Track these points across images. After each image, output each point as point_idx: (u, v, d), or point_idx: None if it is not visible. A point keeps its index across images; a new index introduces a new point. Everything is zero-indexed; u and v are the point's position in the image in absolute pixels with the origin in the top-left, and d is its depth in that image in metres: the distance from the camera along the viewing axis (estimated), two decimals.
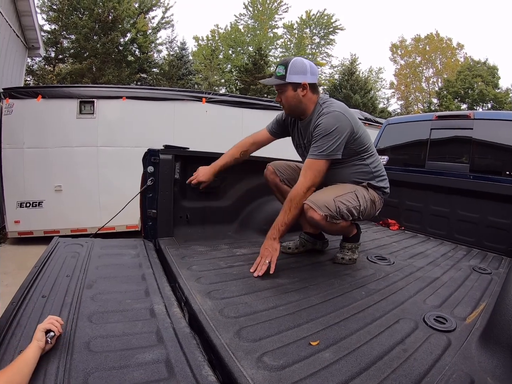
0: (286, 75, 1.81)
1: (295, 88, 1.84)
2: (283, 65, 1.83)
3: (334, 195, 1.83)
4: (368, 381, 0.95)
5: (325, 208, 1.75)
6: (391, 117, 4.66)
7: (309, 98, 1.88)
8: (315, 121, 1.87)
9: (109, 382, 0.86)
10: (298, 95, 1.85)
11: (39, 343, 0.92)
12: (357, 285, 1.67)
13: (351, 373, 0.97)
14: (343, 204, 1.81)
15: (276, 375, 0.92)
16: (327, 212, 1.75)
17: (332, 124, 1.78)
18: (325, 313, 1.33)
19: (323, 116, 1.82)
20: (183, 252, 1.98)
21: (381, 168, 2.09)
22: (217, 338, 1.06)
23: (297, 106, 1.90)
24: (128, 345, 1.02)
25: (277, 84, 1.86)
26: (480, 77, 26.14)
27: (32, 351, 0.89)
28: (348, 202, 1.84)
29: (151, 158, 2.23)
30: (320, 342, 1.11)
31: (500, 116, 3.31)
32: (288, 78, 1.81)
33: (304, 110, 1.92)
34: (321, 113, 1.85)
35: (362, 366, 1.01)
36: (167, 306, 1.29)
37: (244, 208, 2.73)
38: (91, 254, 1.83)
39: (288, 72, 1.80)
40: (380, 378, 0.97)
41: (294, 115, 2.02)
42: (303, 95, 1.86)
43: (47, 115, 5.54)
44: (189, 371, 0.91)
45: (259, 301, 1.39)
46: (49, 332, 0.97)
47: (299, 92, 1.85)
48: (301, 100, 1.87)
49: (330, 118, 1.79)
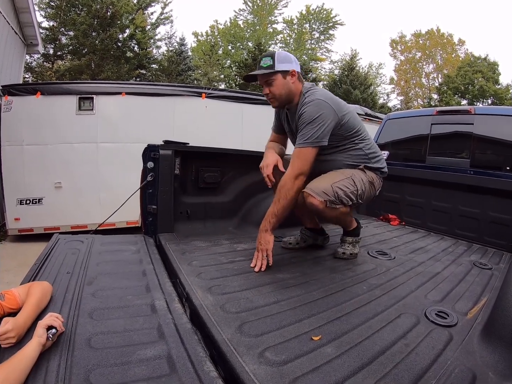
0: (274, 64, 1.82)
1: (285, 76, 1.86)
2: (269, 57, 1.86)
3: (332, 181, 1.85)
4: (370, 376, 0.95)
5: (323, 194, 1.78)
6: (391, 113, 4.64)
7: (296, 86, 1.91)
8: (299, 110, 1.89)
9: (111, 379, 0.86)
10: (288, 82, 1.88)
11: (40, 339, 0.91)
12: (358, 280, 1.67)
13: (353, 368, 0.97)
14: (341, 189, 1.84)
15: (278, 370, 0.92)
16: (326, 197, 1.78)
17: (315, 112, 1.81)
18: (327, 308, 1.33)
19: (306, 105, 1.85)
20: (183, 248, 1.97)
21: (375, 149, 2.10)
22: (219, 334, 1.06)
23: (287, 94, 1.91)
24: (129, 341, 1.01)
25: (267, 73, 1.85)
26: (481, 73, 26.09)
27: (32, 348, 0.88)
28: (345, 188, 1.86)
29: (150, 153, 2.22)
30: (322, 337, 1.10)
31: (500, 111, 3.30)
32: (277, 67, 1.83)
33: (292, 98, 1.94)
34: (304, 102, 1.87)
35: (364, 361, 1.01)
36: (168, 301, 1.29)
37: (244, 203, 2.74)
38: (92, 251, 1.83)
39: (276, 61, 1.83)
40: (383, 373, 0.97)
41: (282, 105, 2.02)
42: (292, 82, 1.89)
43: (46, 111, 5.54)
44: (191, 367, 0.91)
45: (261, 296, 1.38)
46: (51, 328, 0.96)
47: (289, 80, 1.87)
48: (291, 88, 1.90)
49: (313, 106, 1.82)
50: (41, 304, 1.16)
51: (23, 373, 0.83)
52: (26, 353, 0.86)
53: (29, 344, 0.89)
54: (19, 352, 0.87)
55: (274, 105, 2.02)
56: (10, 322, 0.97)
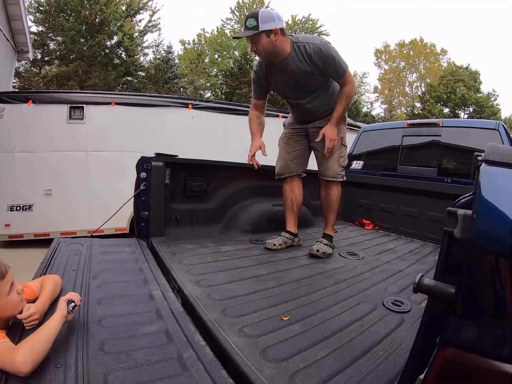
0: (258, 25, 2.05)
1: (268, 35, 2.10)
2: (253, 17, 2.06)
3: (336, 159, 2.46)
4: (328, 346, 1.18)
5: (339, 175, 2.48)
6: (366, 125, 4.95)
7: (281, 41, 2.15)
8: (309, 56, 2.17)
9: (121, 348, 1.08)
10: (272, 40, 2.11)
11: (62, 311, 1.11)
12: (327, 276, 1.93)
13: (315, 340, 1.21)
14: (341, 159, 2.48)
15: (254, 341, 1.16)
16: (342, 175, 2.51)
17: (332, 48, 2.17)
18: (296, 297, 1.57)
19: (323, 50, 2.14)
20: (173, 249, 2.19)
21: None
22: (206, 315, 1.29)
23: (273, 51, 2.16)
24: (133, 321, 1.24)
25: (252, 35, 2.08)
26: (462, 82, 26.71)
27: (56, 320, 1.08)
28: (341, 158, 2.48)
29: (143, 164, 2.44)
30: (290, 318, 1.35)
31: (466, 124, 3.63)
32: (261, 27, 2.05)
33: (279, 52, 2.18)
34: (316, 48, 2.15)
35: (324, 336, 1.25)
36: (163, 291, 1.52)
37: (227, 210, 2.95)
38: (92, 252, 2.03)
39: (260, 22, 2.05)
40: (339, 344, 1.21)
41: (271, 60, 2.26)
42: (276, 39, 2.12)
43: (37, 119, 5.65)
44: (185, 338, 1.14)
45: (241, 288, 1.62)
46: (71, 302, 1.16)
47: (272, 38, 2.11)
48: (275, 44, 2.13)
49: (328, 45, 2.17)
50: (55, 293, 1.37)
51: (48, 343, 1.01)
52: (51, 325, 1.06)
53: (53, 317, 1.09)
54: (44, 324, 1.07)
55: (264, 60, 2.28)
56: (32, 307, 1.19)
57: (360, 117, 24.73)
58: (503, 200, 0.50)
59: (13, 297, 1.15)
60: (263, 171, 2.91)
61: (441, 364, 0.54)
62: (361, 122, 17.64)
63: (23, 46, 8.74)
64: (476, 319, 0.53)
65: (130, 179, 5.98)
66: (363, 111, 28.48)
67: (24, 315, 1.15)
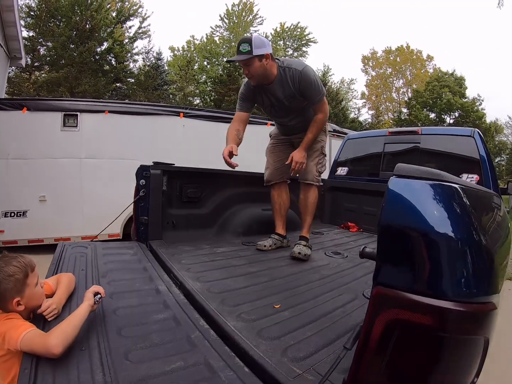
0: (252, 49, 2.21)
1: (261, 59, 2.28)
2: (247, 42, 2.22)
3: (315, 164, 2.67)
4: (314, 328, 1.37)
5: (316, 179, 2.67)
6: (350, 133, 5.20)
7: (271, 65, 2.35)
8: (292, 80, 2.37)
9: (136, 332, 1.26)
10: (264, 64, 2.30)
11: (90, 301, 1.29)
12: (313, 272, 2.13)
13: (303, 323, 1.40)
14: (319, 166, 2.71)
15: (250, 325, 1.35)
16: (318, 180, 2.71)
17: (311, 75, 2.35)
18: (286, 289, 1.77)
19: (302, 75, 2.33)
20: (172, 251, 2.36)
21: None
22: (208, 305, 1.48)
23: (263, 74, 2.35)
24: (144, 311, 1.42)
25: (246, 59, 2.24)
26: (448, 88, 27.35)
27: (84, 308, 1.26)
28: (319, 164, 2.71)
29: (143, 172, 2.61)
30: (281, 306, 1.55)
31: (442, 132, 3.89)
32: (254, 52, 2.22)
33: (269, 76, 2.38)
34: (296, 73, 2.35)
35: (311, 319, 1.44)
36: (168, 287, 1.71)
37: (221, 214, 3.15)
38: (97, 253, 2.19)
39: (253, 47, 2.22)
40: (323, 326, 1.40)
41: (260, 82, 2.44)
42: (267, 64, 2.32)
43: (32, 127, 5.76)
44: (191, 323, 1.33)
45: (236, 283, 1.82)
46: (97, 294, 1.34)
47: (264, 62, 2.29)
48: (266, 68, 2.33)
49: (308, 71, 2.35)
50: (70, 289, 1.54)
51: (77, 328, 1.19)
52: (79, 313, 1.24)
53: (81, 306, 1.27)
54: (73, 313, 1.24)
55: (253, 83, 2.43)
56: (50, 301, 1.36)
57: (348, 123, 25.11)
58: (400, 198, 0.81)
59: (39, 289, 1.32)
60: (252, 178, 3.12)
61: (374, 297, 0.80)
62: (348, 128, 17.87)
63: (16, 53, 8.69)
64: (394, 267, 0.81)
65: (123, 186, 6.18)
66: (350, 117, 28.89)
67: (44, 308, 1.32)
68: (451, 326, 0.76)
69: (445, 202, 0.81)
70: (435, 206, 0.79)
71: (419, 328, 0.75)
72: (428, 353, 0.77)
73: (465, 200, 0.83)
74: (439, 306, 0.72)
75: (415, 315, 0.74)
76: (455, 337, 0.77)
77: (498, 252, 0.99)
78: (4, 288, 1.21)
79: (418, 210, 0.78)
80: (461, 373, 0.83)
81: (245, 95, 2.59)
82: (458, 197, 0.83)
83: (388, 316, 0.78)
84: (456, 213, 0.82)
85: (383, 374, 0.82)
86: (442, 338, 0.76)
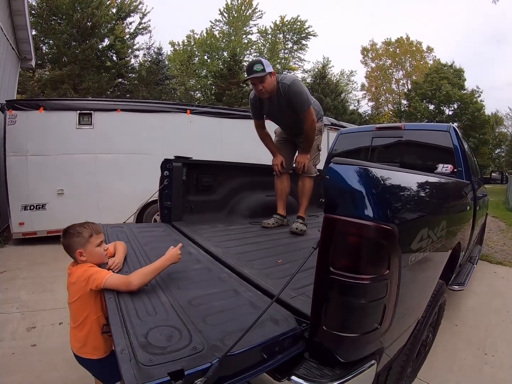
0: (264, 68, 2.70)
1: (271, 75, 2.80)
2: (259, 63, 2.71)
3: (311, 159, 3.20)
4: (306, 273, 1.85)
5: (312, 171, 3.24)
6: (343, 129, 5.68)
7: (274, 81, 2.86)
8: (284, 93, 2.84)
9: (181, 276, 1.77)
10: (273, 80, 2.83)
11: (174, 256, 1.72)
12: (308, 241, 2.67)
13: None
14: (314, 159, 3.27)
15: (260, 272, 1.89)
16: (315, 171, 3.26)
17: (298, 88, 2.82)
18: (285, 252, 2.33)
19: (290, 87, 2.81)
20: (193, 229, 2.87)
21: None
22: (228, 260, 2.02)
23: (272, 88, 2.85)
24: (184, 265, 1.94)
25: (263, 75, 2.70)
26: (447, 79, 27.50)
27: (163, 261, 1.70)
28: (314, 158, 3.27)
29: (166, 165, 3.12)
30: (282, 261, 2.10)
31: (423, 127, 4.38)
32: (267, 70, 2.71)
33: (274, 89, 2.89)
34: (285, 86, 2.82)
35: (305, 268, 1.95)
36: (197, 250, 2.25)
37: (230, 200, 3.67)
38: (133, 231, 2.70)
39: (265, 66, 2.70)
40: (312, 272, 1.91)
41: (269, 95, 2.88)
42: (274, 79, 2.84)
43: (48, 125, 6.16)
44: (218, 269, 1.88)
45: (248, 248, 2.39)
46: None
47: (273, 78, 2.83)
48: (274, 83, 2.85)
49: (295, 84, 2.82)
50: (125, 251, 2.04)
51: (153, 274, 1.60)
52: (160, 262, 1.68)
53: (162, 259, 1.70)
54: (154, 263, 1.68)
55: (265, 96, 2.88)
56: (113, 259, 1.87)
57: (347, 115, 25.23)
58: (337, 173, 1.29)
59: (99, 249, 1.79)
60: (257, 169, 3.64)
61: (325, 222, 1.29)
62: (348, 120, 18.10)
63: (26, 54, 9.12)
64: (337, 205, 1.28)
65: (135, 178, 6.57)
66: (350, 109, 28.96)
67: (110, 263, 1.83)
68: (366, 233, 1.23)
69: (360, 176, 1.30)
70: (356, 177, 1.29)
71: (350, 234, 1.25)
72: (352, 247, 1.27)
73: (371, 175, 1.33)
74: (359, 222, 1.23)
75: (348, 228, 1.24)
76: (369, 240, 1.25)
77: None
78: (72, 240, 1.71)
79: (347, 178, 1.29)
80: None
81: (255, 108, 3.16)
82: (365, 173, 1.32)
83: (332, 229, 1.29)
84: (366, 181, 1.31)
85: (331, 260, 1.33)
86: (360, 239, 1.24)
